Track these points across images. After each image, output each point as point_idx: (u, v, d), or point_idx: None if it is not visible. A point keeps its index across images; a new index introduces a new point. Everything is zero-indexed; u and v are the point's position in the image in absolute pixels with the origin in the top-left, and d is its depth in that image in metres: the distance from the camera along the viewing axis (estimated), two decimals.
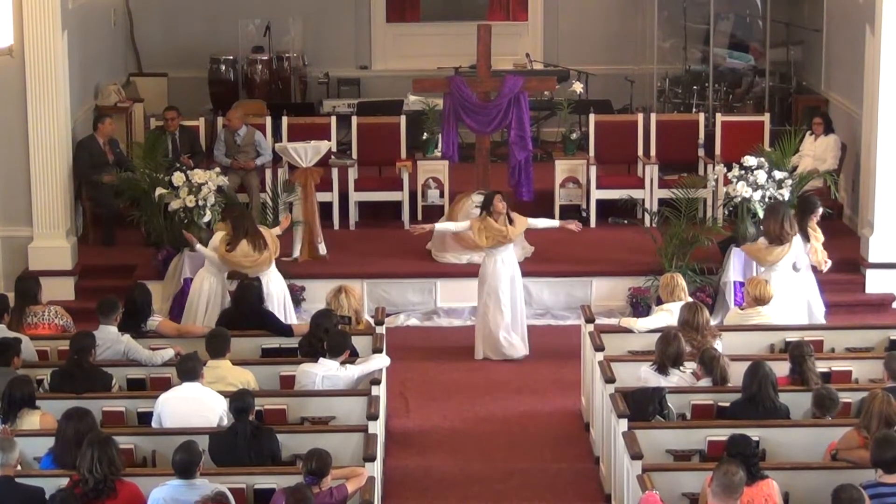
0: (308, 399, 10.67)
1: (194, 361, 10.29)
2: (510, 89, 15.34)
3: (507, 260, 13.73)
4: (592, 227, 16.52)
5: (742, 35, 20.09)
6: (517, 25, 20.77)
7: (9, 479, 8.91)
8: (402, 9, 20.96)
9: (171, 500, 8.79)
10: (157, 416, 10.19)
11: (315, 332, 11.33)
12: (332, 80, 20.19)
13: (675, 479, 9.32)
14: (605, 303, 14.92)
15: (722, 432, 9.65)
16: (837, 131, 16.50)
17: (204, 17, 20.08)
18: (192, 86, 19.57)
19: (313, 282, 14.71)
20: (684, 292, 12.31)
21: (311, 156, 15.53)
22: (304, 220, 15.39)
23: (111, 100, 17.51)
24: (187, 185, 14.53)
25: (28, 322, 12.12)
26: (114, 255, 15.62)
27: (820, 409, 9.95)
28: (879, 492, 8.71)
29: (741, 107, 19.13)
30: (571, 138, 17.05)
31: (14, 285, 13.03)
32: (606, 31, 20.32)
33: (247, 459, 9.51)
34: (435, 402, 12.89)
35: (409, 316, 14.94)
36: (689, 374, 10.78)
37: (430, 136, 16.88)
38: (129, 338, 11.46)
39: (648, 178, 16.61)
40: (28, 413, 9.96)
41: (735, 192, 14.59)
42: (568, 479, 11.28)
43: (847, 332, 12.23)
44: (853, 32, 16.22)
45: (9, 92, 14.81)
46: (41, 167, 14.89)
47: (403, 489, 11.12)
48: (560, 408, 12.71)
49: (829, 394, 9.95)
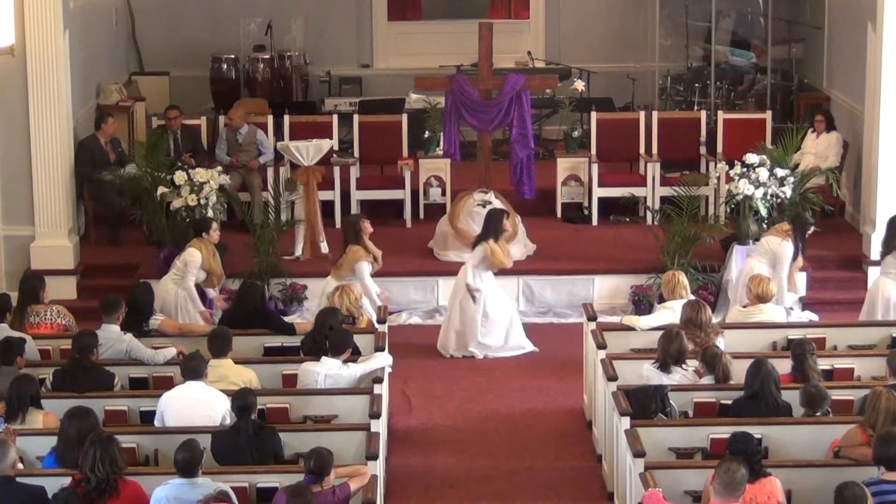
0: (310, 398, 10.67)
1: (198, 361, 10.29)
2: (512, 87, 15.34)
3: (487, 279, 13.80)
4: (594, 225, 16.53)
5: (744, 32, 20.08)
6: (519, 23, 20.78)
7: (9, 478, 8.91)
8: (403, 7, 20.98)
9: (173, 499, 8.79)
10: (159, 415, 10.19)
11: (319, 329, 11.34)
12: (334, 78, 20.19)
13: (677, 476, 9.32)
14: (608, 301, 14.91)
15: (724, 430, 9.65)
16: (839, 128, 16.49)
17: (205, 16, 20.08)
18: (194, 85, 19.58)
19: (315, 280, 14.70)
20: (686, 290, 12.31)
21: (313, 154, 15.53)
22: (305, 218, 15.39)
23: (113, 99, 17.52)
24: (189, 184, 14.56)
25: (30, 321, 12.12)
26: (116, 255, 15.62)
27: (809, 406, 9.95)
28: (882, 489, 8.70)
29: (743, 104, 19.12)
30: (573, 136, 17.06)
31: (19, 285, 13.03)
32: (608, 28, 20.31)
33: (249, 458, 9.51)
34: (437, 400, 12.89)
35: (411, 314, 14.94)
36: (692, 371, 10.78)
37: (431, 134, 16.87)
38: (131, 337, 11.47)
39: (650, 175, 16.61)
40: (32, 412, 9.97)
41: (737, 189, 14.59)
42: (570, 478, 11.29)
43: (849, 330, 12.24)
44: (855, 29, 16.22)
45: (11, 91, 14.81)
46: (43, 166, 14.90)
47: (406, 488, 11.12)
48: (562, 406, 12.71)
49: (816, 391, 9.95)
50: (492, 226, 13.66)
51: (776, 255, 13.49)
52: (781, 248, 13.49)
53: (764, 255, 13.59)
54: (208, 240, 13.39)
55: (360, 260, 13.36)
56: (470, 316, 13.70)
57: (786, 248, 13.49)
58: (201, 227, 13.54)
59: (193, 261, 13.25)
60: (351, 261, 13.34)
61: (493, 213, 14.00)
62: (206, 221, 13.66)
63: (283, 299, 14.73)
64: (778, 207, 14.60)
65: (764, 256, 13.58)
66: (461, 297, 13.70)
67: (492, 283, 13.77)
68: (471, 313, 13.69)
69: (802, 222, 13.69)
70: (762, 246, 13.69)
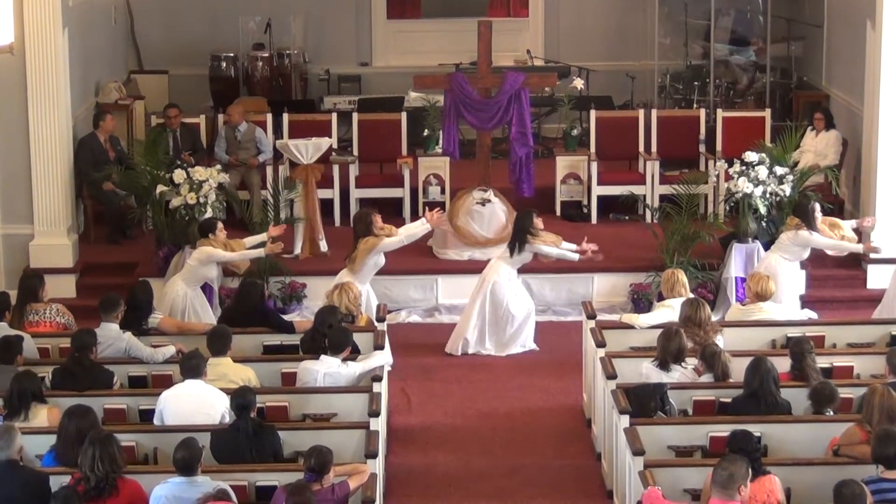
0: (310, 396, 10.67)
1: (198, 359, 10.29)
2: (511, 86, 15.34)
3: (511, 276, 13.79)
4: (594, 224, 16.53)
5: (743, 31, 20.07)
6: (518, 22, 20.77)
7: (14, 462, 8.94)
8: (402, 5, 20.97)
9: (172, 497, 8.79)
10: (158, 414, 10.19)
11: (319, 328, 11.34)
12: (333, 76, 20.18)
13: (676, 475, 9.33)
14: (607, 299, 14.92)
15: (724, 428, 9.66)
16: (838, 127, 16.49)
17: (205, 15, 20.07)
18: (193, 83, 19.57)
19: (314, 279, 14.71)
20: (685, 288, 12.31)
21: (312, 153, 15.53)
22: (305, 216, 15.39)
23: (112, 97, 17.51)
24: (188, 183, 14.54)
25: (29, 320, 12.12)
26: (115, 253, 15.61)
27: (817, 404, 9.97)
28: (881, 487, 8.71)
29: (742, 102, 19.12)
30: (572, 134, 17.06)
31: (18, 283, 13.02)
32: (607, 27, 20.31)
33: (248, 456, 9.51)
34: (437, 398, 12.89)
35: (410, 312, 14.94)
36: (691, 370, 10.78)
37: (430, 132, 16.87)
38: (130, 335, 11.46)
39: (649, 174, 16.61)
40: (36, 407, 9.98)
41: (736, 187, 14.59)
42: (570, 476, 11.29)
43: (848, 328, 12.23)
44: (854, 28, 16.21)
45: (10, 89, 14.80)
46: (42, 165, 14.89)
47: (405, 486, 11.12)
48: (562, 404, 12.71)
49: (829, 390, 9.95)
50: (525, 226, 13.53)
51: (798, 246, 13.51)
52: (800, 238, 13.49)
53: (784, 251, 13.62)
54: (216, 240, 13.35)
55: (377, 245, 13.27)
56: (498, 313, 13.66)
57: (802, 235, 13.48)
58: (207, 229, 13.48)
59: (215, 255, 13.21)
60: (365, 250, 13.25)
61: (520, 215, 13.84)
62: (211, 223, 13.58)
63: (282, 298, 14.73)
64: (777, 206, 14.60)
65: (785, 252, 13.61)
66: (487, 292, 13.66)
67: (516, 281, 13.75)
68: (496, 310, 13.66)
69: (804, 207, 13.70)
70: (780, 242, 13.72)
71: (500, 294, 13.68)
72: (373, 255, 13.26)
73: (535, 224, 13.54)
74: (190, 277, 13.26)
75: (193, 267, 13.27)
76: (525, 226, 13.53)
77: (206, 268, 13.31)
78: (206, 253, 13.20)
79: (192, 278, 13.27)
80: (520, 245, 13.52)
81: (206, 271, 13.34)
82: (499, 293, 13.68)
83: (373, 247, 13.23)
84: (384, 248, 13.33)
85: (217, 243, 13.31)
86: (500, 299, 13.68)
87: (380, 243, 13.26)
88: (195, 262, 13.25)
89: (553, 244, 13.59)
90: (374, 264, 13.39)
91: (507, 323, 13.75)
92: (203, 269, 13.28)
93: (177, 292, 13.14)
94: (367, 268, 13.31)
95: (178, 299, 13.09)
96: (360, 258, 13.25)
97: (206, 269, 13.32)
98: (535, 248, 13.53)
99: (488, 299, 13.71)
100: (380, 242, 13.26)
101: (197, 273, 13.27)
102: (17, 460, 8.99)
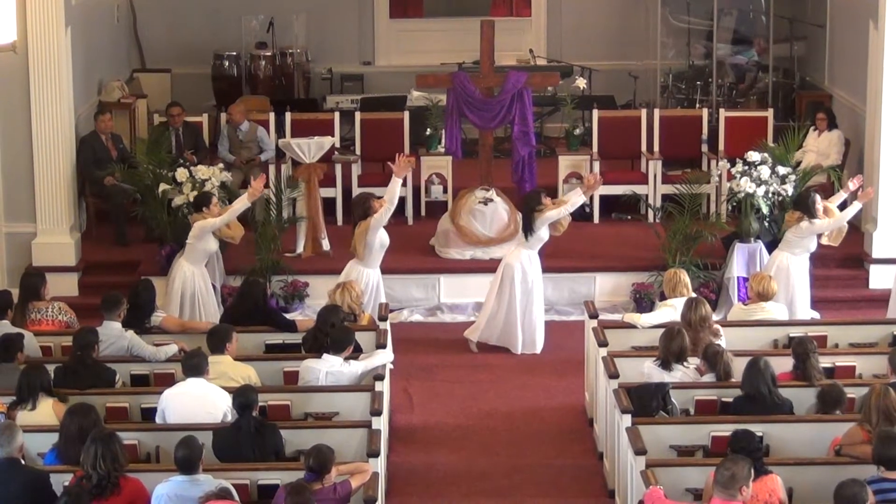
0: (311, 395, 10.68)
1: (200, 358, 10.29)
2: (513, 85, 15.34)
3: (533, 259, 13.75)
4: (596, 223, 16.53)
5: (745, 30, 20.07)
6: (520, 21, 20.77)
7: (14, 460, 8.95)
8: (405, 4, 20.97)
9: (174, 495, 8.80)
10: (160, 412, 10.19)
11: (321, 326, 11.34)
12: (336, 75, 20.18)
13: (678, 474, 9.33)
14: (609, 298, 14.92)
15: (725, 428, 9.66)
16: (841, 127, 16.49)
17: (207, 13, 20.08)
18: (196, 82, 19.58)
19: (316, 277, 14.72)
20: (687, 288, 12.30)
21: (315, 152, 15.55)
22: (307, 215, 15.40)
23: (114, 96, 17.52)
24: (191, 181, 14.56)
25: (31, 318, 12.12)
26: (117, 251, 15.62)
27: (825, 405, 9.97)
28: (882, 487, 8.71)
29: (745, 102, 19.12)
30: (575, 134, 17.06)
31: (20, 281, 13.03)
32: (609, 26, 20.31)
33: (250, 455, 9.51)
34: (438, 397, 12.89)
35: (412, 312, 14.94)
36: (693, 369, 10.78)
37: (433, 131, 16.87)
38: (132, 334, 11.46)
39: (652, 173, 16.61)
40: (43, 398, 10.01)
41: (738, 187, 14.58)
42: (572, 475, 11.29)
43: (851, 328, 12.23)
44: (857, 28, 16.21)
45: (12, 88, 14.81)
46: (45, 163, 14.91)
47: (407, 485, 11.12)
48: (564, 403, 12.71)
49: (833, 391, 9.95)
50: (534, 202, 13.53)
51: (804, 238, 13.52)
52: (803, 229, 13.48)
53: (792, 247, 13.60)
54: (209, 214, 13.41)
55: (370, 223, 13.12)
56: (518, 310, 13.64)
57: (805, 226, 13.47)
58: (201, 203, 13.61)
59: (206, 224, 13.26)
60: (361, 233, 13.15)
61: (528, 195, 13.84)
62: (206, 196, 13.73)
63: (284, 296, 14.74)
64: (779, 206, 14.60)
65: (794, 248, 13.60)
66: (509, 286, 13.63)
67: (538, 265, 13.74)
68: (515, 306, 13.63)
69: (803, 199, 13.69)
70: (786, 240, 13.72)
71: (521, 273, 13.55)
72: (371, 234, 13.17)
73: (542, 203, 13.50)
74: (192, 255, 13.41)
75: (192, 244, 13.40)
76: (532, 205, 13.51)
77: (204, 241, 13.40)
78: (199, 226, 13.32)
79: (194, 255, 13.41)
80: (531, 225, 13.49)
81: (205, 245, 13.44)
82: (520, 272, 13.55)
83: (367, 227, 13.18)
84: (378, 223, 13.18)
85: (210, 216, 13.37)
86: (525, 277, 13.57)
87: (372, 221, 13.20)
88: (193, 238, 13.39)
89: (558, 206, 13.54)
90: (379, 245, 13.28)
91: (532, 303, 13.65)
92: (202, 244, 13.39)
93: (184, 273, 13.29)
94: (373, 250, 13.24)
95: (187, 280, 13.24)
96: (359, 242, 13.20)
97: (204, 243, 13.42)
98: (544, 220, 13.47)
99: (516, 281, 13.56)
100: (371, 220, 13.20)
101: (197, 249, 13.39)
102: (17, 458, 8.99)
